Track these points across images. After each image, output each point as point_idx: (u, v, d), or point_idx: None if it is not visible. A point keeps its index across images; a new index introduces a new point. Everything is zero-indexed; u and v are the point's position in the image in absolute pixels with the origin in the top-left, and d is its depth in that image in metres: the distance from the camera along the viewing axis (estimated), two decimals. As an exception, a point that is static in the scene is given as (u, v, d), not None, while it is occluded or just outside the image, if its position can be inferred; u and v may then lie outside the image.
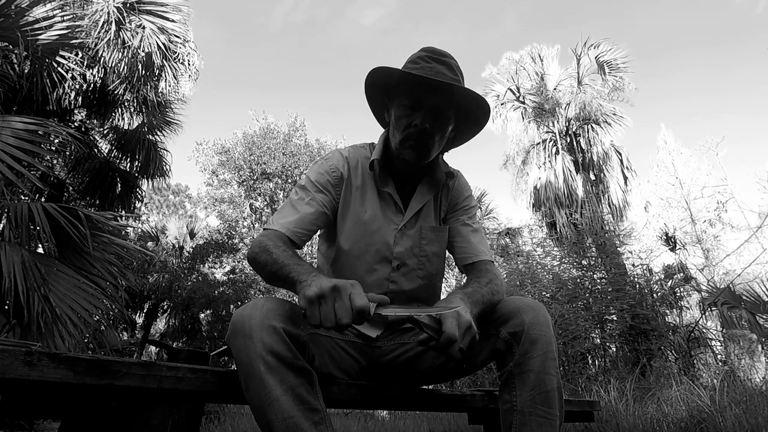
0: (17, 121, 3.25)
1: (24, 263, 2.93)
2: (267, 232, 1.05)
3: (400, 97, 1.10)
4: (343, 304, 0.76)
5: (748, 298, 5.13)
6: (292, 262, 0.92)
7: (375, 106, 1.23)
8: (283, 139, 13.49)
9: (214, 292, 9.99)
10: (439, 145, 1.13)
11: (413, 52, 1.16)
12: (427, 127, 1.07)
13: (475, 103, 1.12)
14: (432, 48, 1.13)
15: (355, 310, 0.75)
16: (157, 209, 21.27)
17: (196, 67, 6.44)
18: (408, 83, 1.09)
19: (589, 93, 9.99)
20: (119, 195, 6.14)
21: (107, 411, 0.73)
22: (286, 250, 0.98)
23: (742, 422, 2.27)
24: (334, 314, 0.76)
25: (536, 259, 5.99)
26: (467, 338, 0.84)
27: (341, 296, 0.77)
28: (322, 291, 0.77)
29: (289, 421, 0.74)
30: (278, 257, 0.95)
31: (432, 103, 1.07)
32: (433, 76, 1.05)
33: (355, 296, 0.77)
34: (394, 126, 1.13)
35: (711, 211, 10.88)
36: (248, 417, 4.75)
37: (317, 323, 0.76)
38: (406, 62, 1.14)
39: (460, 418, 3.42)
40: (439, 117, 1.09)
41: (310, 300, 0.77)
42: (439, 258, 1.22)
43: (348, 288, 0.78)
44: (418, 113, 1.07)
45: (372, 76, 1.12)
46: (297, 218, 1.07)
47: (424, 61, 1.09)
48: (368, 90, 1.18)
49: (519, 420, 0.90)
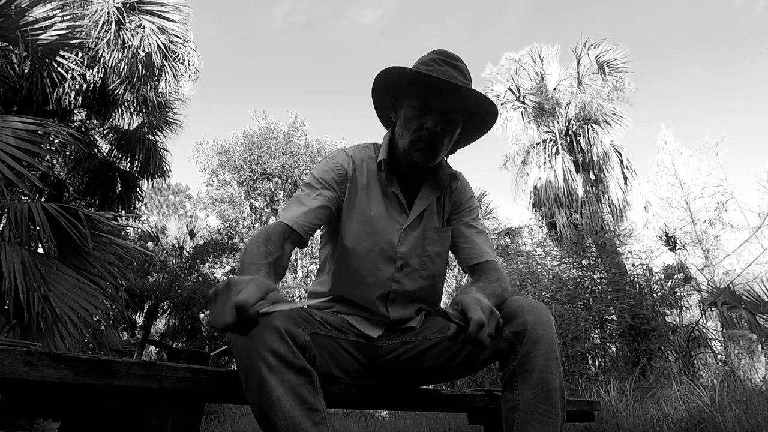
0: (17, 121, 3.25)
1: (24, 263, 2.93)
2: (268, 226, 1.05)
3: (411, 98, 1.10)
4: (228, 302, 0.67)
5: (748, 298, 5.13)
6: (253, 260, 0.87)
7: (380, 106, 1.23)
8: (283, 139, 13.50)
9: (214, 292, 9.98)
10: (447, 148, 1.13)
11: (422, 54, 1.15)
12: (438, 131, 1.07)
13: (485, 107, 1.12)
14: (444, 51, 1.13)
15: (230, 306, 0.66)
16: (157, 209, 21.28)
17: (196, 67, 6.44)
18: (420, 84, 1.08)
19: (589, 93, 9.99)
20: (119, 195, 6.14)
21: (107, 411, 0.73)
22: (265, 253, 0.91)
23: (742, 422, 2.27)
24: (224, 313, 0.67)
25: (536, 259, 5.99)
26: (492, 322, 0.83)
27: (230, 293, 0.68)
28: (217, 288, 0.70)
29: (290, 421, 0.74)
30: (250, 255, 0.90)
31: (443, 106, 1.07)
32: (447, 79, 1.05)
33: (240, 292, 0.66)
34: (402, 127, 1.12)
35: (711, 211, 10.90)
36: (248, 417, 4.75)
37: (212, 321, 0.71)
38: (417, 64, 1.13)
39: (460, 418, 3.42)
40: (449, 120, 1.09)
41: (208, 298, 0.71)
42: (441, 259, 1.22)
43: (240, 284, 0.68)
44: (429, 116, 1.07)
45: (382, 76, 1.12)
46: (303, 211, 1.07)
47: (437, 64, 1.08)
48: (376, 90, 1.18)
49: (521, 419, 0.90)
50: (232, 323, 0.65)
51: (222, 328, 0.67)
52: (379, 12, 54.98)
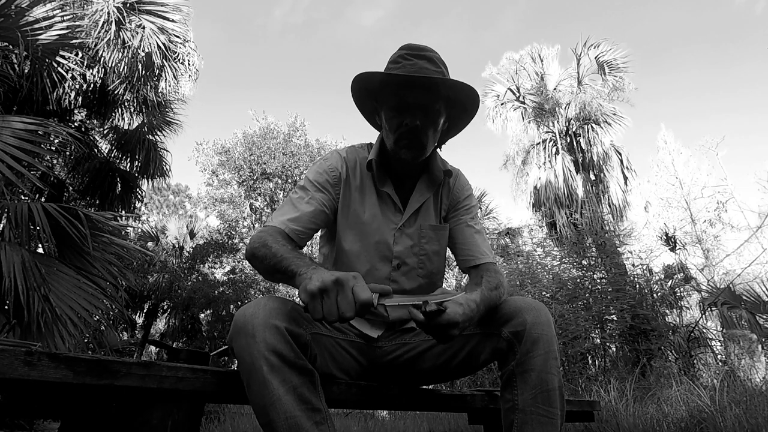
0: (17, 121, 3.25)
1: (24, 263, 2.92)
2: (266, 228, 1.05)
3: (387, 99, 1.11)
4: (346, 297, 0.75)
5: (748, 298, 5.13)
6: (292, 255, 0.91)
7: (366, 112, 1.23)
8: (283, 139, 13.48)
9: (214, 292, 9.99)
10: (434, 139, 1.13)
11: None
12: (417, 125, 1.07)
13: (462, 93, 1.11)
14: (410, 44, 1.13)
15: (358, 303, 0.74)
16: (157, 209, 21.27)
17: (196, 67, 6.44)
18: (392, 85, 1.09)
19: (589, 93, 9.99)
20: (119, 195, 6.14)
21: (107, 411, 0.73)
22: (285, 244, 0.97)
23: (742, 422, 2.27)
24: (337, 308, 0.74)
25: (536, 259, 5.99)
26: (463, 326, 0.88)
27: (344, 289, 0.75)
28: (325, 284, 0.75)
29: (291, 420, 0.74)
30: (277, 251, 0.94)
31: (418, 100, 1.07)
32: (416, 73, 1.05)
33: (357, 288, 0.76)
34: (386, 128, 1.13)
35: (711, 211, 10.90)
36: (248, 417, 4.75)
37: (320, 317, 0.75)
38: (388, 63, 1.13)
39: (460, 418, 3.42)
40: (428, 112, 1.08)
41: (311, 294, 0.75)
42: (439, 257, 1.22)
43: (350, 280, 0.76)
44: (406, 112, 1.07)
45: (356, 83, 1.13)
46: (296, 216, 1.07)
47: (405, 59, 1.09)
48: (356, 97, 1.18)
49: (520, 419, 0.90)
50: (352, 316, 0.75)
51: (334, 320, 0.75)
52: (378, 13, 55.02)
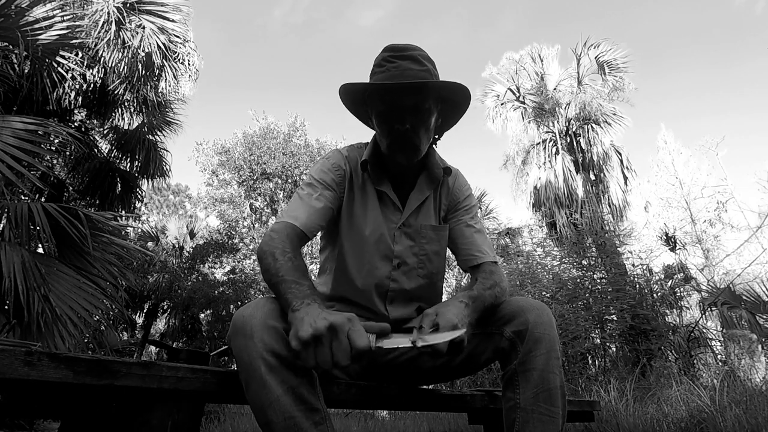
0: (17, 121, 3.25)
1: (24, 263, 2.92)
2: (278, 226, 1.04)
3: (375, 105, 1.10)
4: (341, 344, 0.71)
5: (748, 298, 5.13)
6: (292, 278, 0.87)
7: (359, 116, 1.23)
8: (283, 139, 13.48)
9: (214, 292, 9.99)
10: (427, 139, 1.12)
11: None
12: (408, 128, 1.06)
13: (451, 90, 1.10)
14: (393, 45, 1.12)
15: (354, 351, 0.71)
16: (157, 209, 21.27)
17: (196, 67, 6.44)
18: (378, 91, 1.08)
19: (589, 93, 9.99)
20: (119, 195, 6.14)
21: (107, 411, 0.73)
22: (292, 258, 0.93)
23: (742, 422, 2.27)
24: (332, 356, 0.71)
25: (536, 259, 5.99)
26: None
27: (338, 336, 0.71)
28: (318, 331, 0.70)
29: (290, 421, 0.74)
30: (280, 267, 0.90)
31: (406, 102, 1.05)
32: (399, 75, 1.04)
33: (354, 334, 0.72)
34: (379, 133, 1.13)
35: (711, 211, 10.90)
36: (248, 417, 4.75)
37: (312, 365, 0.71)
38: (373, 67, 1.12)
39: (460, 418, 3.42)
40: (417, 113, 1.07)
41: (304, 342, 0.71)
42: (439, 257, 1.22)
43: (345, 325, 0.72)
44: (395, 116, 1.06)
45: (342, 94, 1.13)
46: (308, 212, 1.07)
47: (388, 62, 1.08)
48: (347, 106, 1.18)
49: (522, 417, 0.90)
50: (348, 364, 0.71)
51: (328, 369, 0.71)
52: (378, 13, 55.03)
